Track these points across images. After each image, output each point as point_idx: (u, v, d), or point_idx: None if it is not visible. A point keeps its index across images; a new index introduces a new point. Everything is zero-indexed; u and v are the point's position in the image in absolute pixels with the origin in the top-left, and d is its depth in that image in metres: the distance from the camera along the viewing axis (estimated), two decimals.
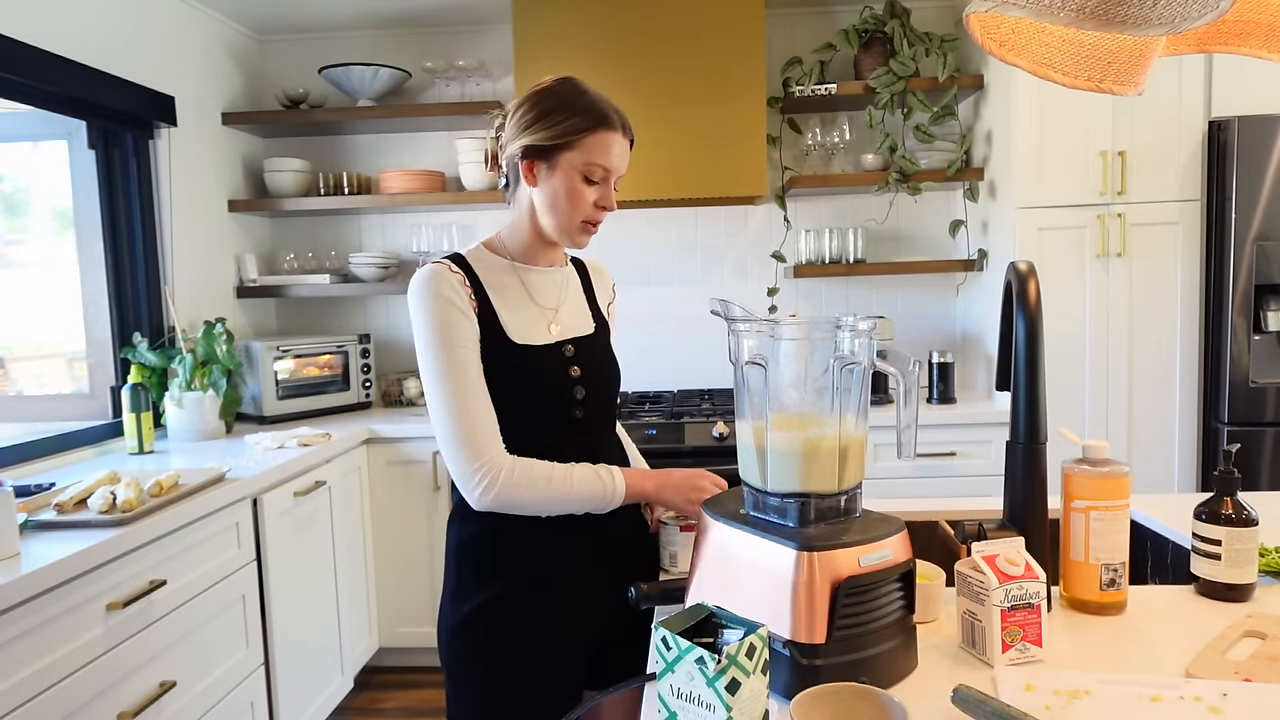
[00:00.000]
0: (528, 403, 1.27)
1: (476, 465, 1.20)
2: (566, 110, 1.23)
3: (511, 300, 1.30)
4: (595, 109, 1.24)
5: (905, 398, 0.99)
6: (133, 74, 2.60)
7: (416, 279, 1.25)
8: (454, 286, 1.24)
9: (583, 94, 1.25)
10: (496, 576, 1.28)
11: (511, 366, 1.26)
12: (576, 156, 1.24)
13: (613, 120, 1.25)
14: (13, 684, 1.38)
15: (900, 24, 2.97)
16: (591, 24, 2.89)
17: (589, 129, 1.23)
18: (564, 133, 1.23)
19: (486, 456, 1.21)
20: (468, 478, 1.21)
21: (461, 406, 1.21)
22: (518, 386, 1.26)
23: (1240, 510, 1.15)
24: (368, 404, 3.22)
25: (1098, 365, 2.76)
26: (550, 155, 1.24)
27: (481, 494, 1.21)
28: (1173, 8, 0.77)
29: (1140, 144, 2.68)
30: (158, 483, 1.85)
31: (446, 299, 1.23)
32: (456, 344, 1.22)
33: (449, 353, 1.22)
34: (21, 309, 2.61)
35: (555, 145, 1.24)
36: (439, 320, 1.22)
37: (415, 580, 2.92)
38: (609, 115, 1.25)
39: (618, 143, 1.26)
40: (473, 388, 1.22)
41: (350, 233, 3.43)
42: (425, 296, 1.23)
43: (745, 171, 2.91)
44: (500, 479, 1.21)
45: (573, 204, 1.26)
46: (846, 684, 0.83)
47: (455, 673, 1.30)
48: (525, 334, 1.29)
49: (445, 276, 1.24)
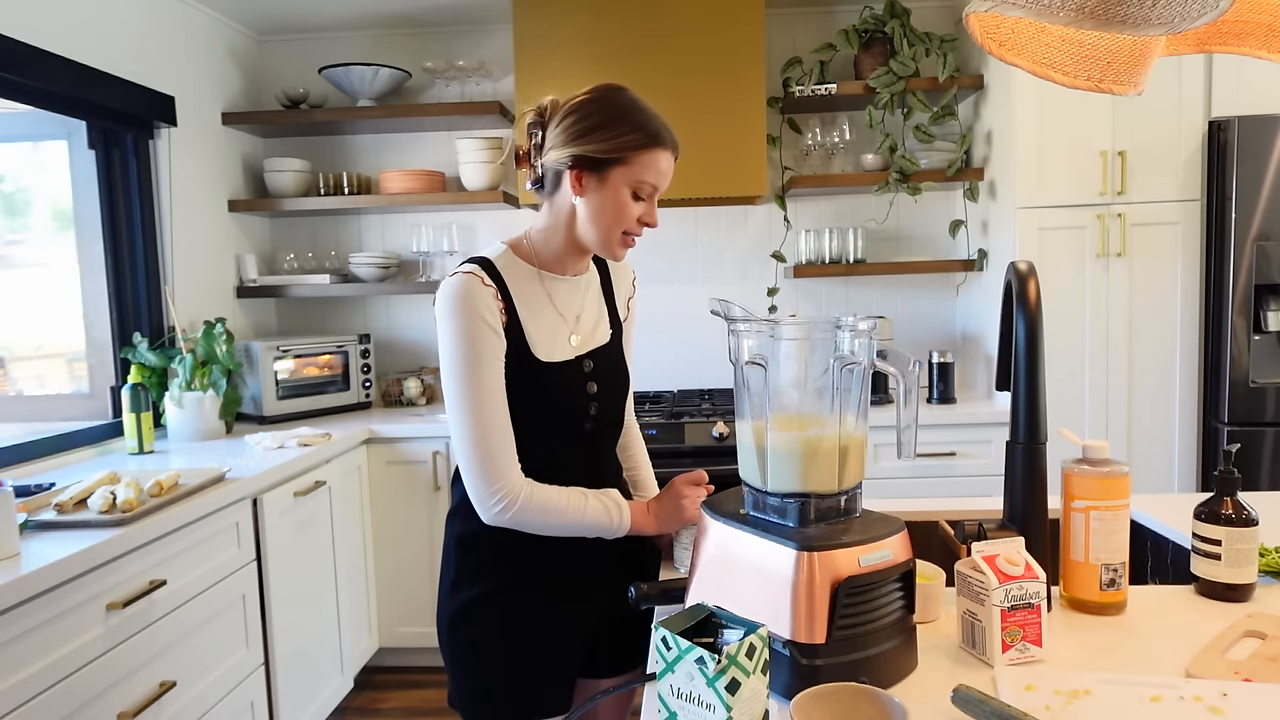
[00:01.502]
0: (541, 417, 1.27)
1: (495, 488, 1.21)
2: (624, 124, 1.21)
3: (537, 311, 1.29)
4: (651, 126, 1.22)
5: (905, 398, 0.99)
6: (133, 74, 2.60)
7: (449, 289, 1.22)
8: (487, 302, 1.22)
9: (640, 109, 1.23)
10: (496, 569, 1.30)
11: (533, 385, 1.26)
12: (629, 172, 1.22)
13: (666, 139, 1.24)
14: (13, 684, 1.38)
15: (900, 24, 2.97)
16: (591, 24, 2.89)
17: (645, 146, 1.21)
18: (620, 147, 1.21)
19: (504, 481, 1.21)
20: (485, 499, 1.22)
21: (484, 429, 1.21)
22: (536, 403, 1.26)
23: (1240, 510, 1.14)
24: (368, 404, 3.22)
25: (1098, 365, 2.76)
26: (602, 168, 1.22)
27: (497, 515, 1.22)
28: (1172, 8, 0.77)
29: (1140, 144, 2.68)
30: (158, 483, 1.85)
31: (479, 315, 1.21)
32: (484, 363, 1.21)
33: (476, 372, 1.21)
34: (21, 309, 2.61)
35: (609, 159, 1.21)
36: (469, 336, 1.21)
37: (415, 580, 2.92)
38: (663, 134, 1.24)
39: (667, 160, 1.25)
40: (496, 409, 1.22)
41: (350, 233, 3.43)
42: (458, 310, 1.21)
43: (745, 171, 2.91)
44: (518, 504, 1.21)
45: (618, 218, 1.24)
46: (846, 684, 0.83)
47: (455, 660, 1.32)
48: (548, 349, 1.28)
49: (479, 290, 1.22)
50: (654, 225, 1.28)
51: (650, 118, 1.23)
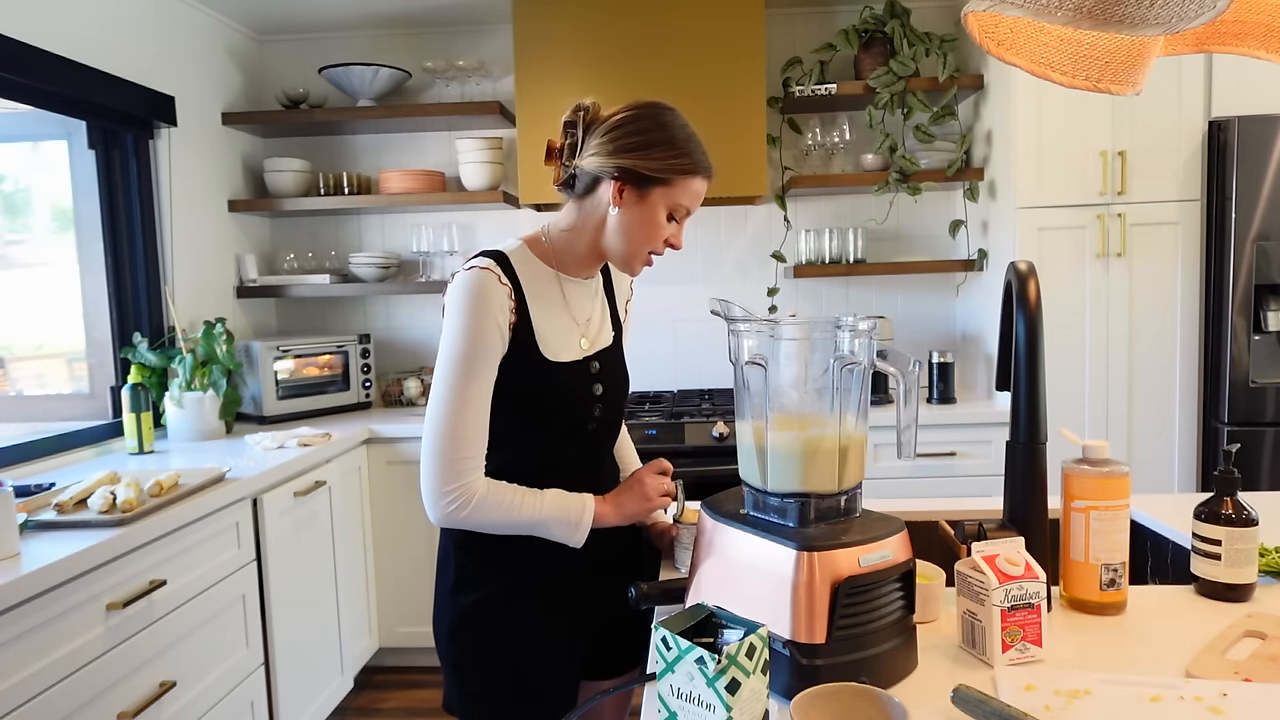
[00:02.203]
0: (546, 417, 1.27)
1: (452, 487, 1.20)
2: (674, 147, 1.23)
3: (550, 311, 1.29)
4: (697, 154, 1.25)
5: (905, 398, 1.00)
6: (133, 74, 2.60)
7: (465, 283, 1.22)
8: (501, 302, 1.22)
9: (690, 135, 1.26)
10: (499, 571, 1.29)
11: (541, 384, 1.26)
12: (670, 193, 1.24)
13: (707, 167, 1.27)
14: (13, 684, 1.38)
15: (900, 24, 2.97)
16: (591, 24, 2.89)
17: (689, 172, 1.24)
18: (667, 169, 1.22)
19: (462, 481, 1.20)
20: (439, 496, 1.20)
21: (460, 427, 1.20)
22: (544, 402, 1.26)
23: (1240, 510, 1.15)
24: (368, 404, 3.22)
25: (1098, 365, 2.76)
26: (646, 185, 1.23)
27: (450, 514, 1.21)
28: (1170, 8, 0.77)
29: (1140, 144, 2.68)
30: (158, 483, 1.85)
31: (490, 314, 1.21)
32: (480, 366, 1.21)
33: (468, 369, 1.20)
34: (21, 309, 2.61)
35: (655, 178, 1.23)
36: (473, 334, 1.20)
37: (415, 580, 2.92)
38: (705, 161, 1.26)
39: (704, 186, 1.28)
40: (477, 411, 1.21)
41: (350, 233, 3.43)
42: (471, 306, 1.21)
43: (745, 171, 2.91)
44: (472, 504, 1.20)
45: (649, 236, 1.26)
46: (846, 684, 0.83)
47: (457, 665, 1.30)
48: (558, 350, 1.28)
49: (495, 289, 1.22)
50: (679, 248, 1.30)
51: (696, 145, 1.26)
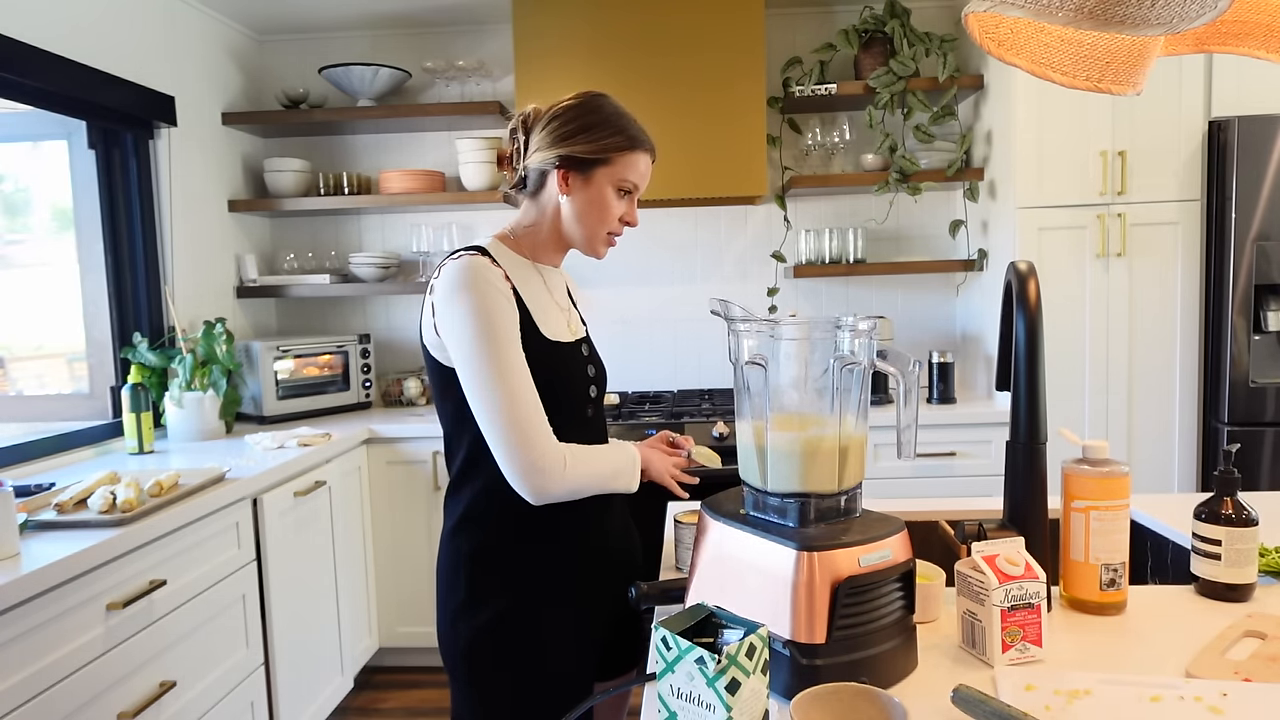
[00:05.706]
0: (550, 400, 1.27)
1: (538, 456, 1.19)
2: (608, 128, 1.29)
3: (537, 298, 1.31)
4: (632, 130, 1.31)
5: (905, 398, 0.99)
6: (133, 74, 2.60)
7: (456, 269, 1.22)
8: (499, 279, 1.24)
9: (621, 114, 1.32)
10: (513, 584, 1.27)
11: (545, 364, 1.26)
12: (612, 172, 1.30)
13: (645, 142, 1.33)
14: (13, 684, 1.38)
15: (900, 24, 2.97)
16: (591, 24, 2.89)
17: (626, 148, 1.30)
18: (604, 149, 1.28)
19: (546, 448, 1.20)
20: (530, 473, 1.19)
21: (515, 401, 1.19)
22: (547, 384, 1.26)
23: (1240, 510, 1.15)
24: (368, 404, 3.22)
25: (1098, 365, 2.76)
26: (587, 168, 1.29)
27: (550, 484, 1.20)
28: (1170, 8, 0.77)
29: (1140, 144, 2.68)
30: (158, 483, 1.85)
31: (494, 287, 1.22)
32: (505, 336, 1.21)
33: (497, 346, 1.20)
34: (21, 309, 2.61)
35: (594, 159, 1.29)
36: (486, 310, 1.20)
37: (415, 580, 2.92)
38: (642, 137, 1.33)
39: (646, 162, 1.34)
40: (523, 380, 1.21)
41: (350, 233, 3.43)
42: (470, 286, 1.21)
43: (745, 171, 2.91)
44: (566, 467, 1.21)
45: (602, 216, 1.32)
46: (846, 684, 0.83)
47: (473, 681, 1.28)
48: (554, 332, 1.31)
49: (489, 267, 1.24)
50: (634, 224, 1.36)
51: (630, 123, 1.32)
